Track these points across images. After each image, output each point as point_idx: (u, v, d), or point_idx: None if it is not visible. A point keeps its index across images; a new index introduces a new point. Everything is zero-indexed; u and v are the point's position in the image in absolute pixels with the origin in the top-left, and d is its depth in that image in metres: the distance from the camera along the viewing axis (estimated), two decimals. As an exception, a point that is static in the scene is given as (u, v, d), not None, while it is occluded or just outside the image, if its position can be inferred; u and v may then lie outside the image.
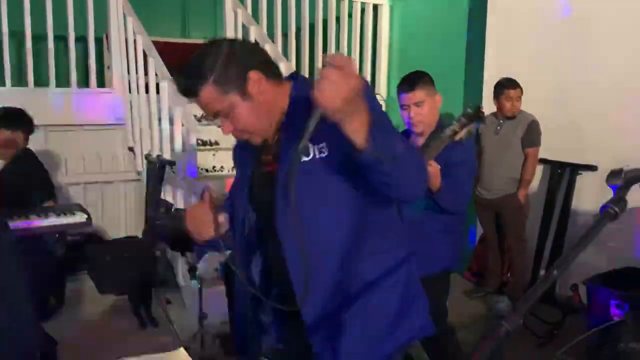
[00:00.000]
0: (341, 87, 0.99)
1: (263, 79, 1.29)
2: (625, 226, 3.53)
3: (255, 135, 1.33)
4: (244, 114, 1.28)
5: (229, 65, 1.27)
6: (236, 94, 1.27)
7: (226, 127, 1.31)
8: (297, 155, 1.08)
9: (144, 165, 4.05)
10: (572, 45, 3.89)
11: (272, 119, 1.33)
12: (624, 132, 3.64)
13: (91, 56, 4.33)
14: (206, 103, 1.28)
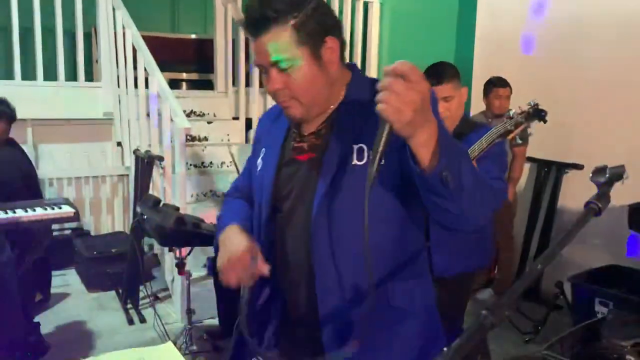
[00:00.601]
0: (409, 99, 0.88)
1: (337, 51, 1.17)
2: (610, 224, 3.58)
3: (300, 106, 1.16)
4: (305, 75, 1.13)
5: (314, 17, 1.13)
6: (308, 50, 1.12)
7: (275, 82, 1.14)
8: (370, 176, 0.94)
9: (132, 160, 4.04)
10: (560, 45, 3.94)
11: (327, 98, 1.19)
12: (610, 132, 3.69)
13: (79, 50, 4.29)
14: (272, 47, 1.11)
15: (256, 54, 1.16)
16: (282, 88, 1.14)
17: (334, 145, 1.17)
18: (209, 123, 4.48)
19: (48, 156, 4.27)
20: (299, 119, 1.20)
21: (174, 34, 6.69)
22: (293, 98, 1.15)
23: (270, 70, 1.14)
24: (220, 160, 4.31)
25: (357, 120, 1.16)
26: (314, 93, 1.16)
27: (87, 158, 4.44)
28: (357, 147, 1.14)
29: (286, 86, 1.14)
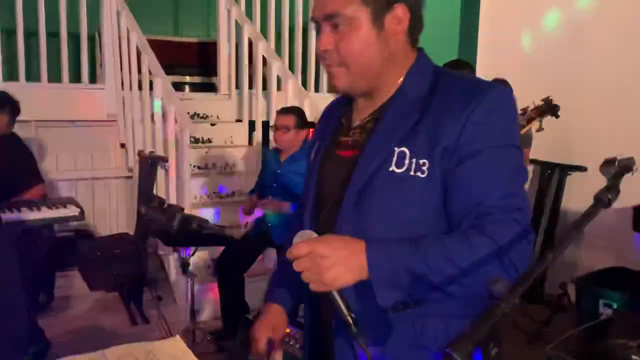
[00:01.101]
0: (319, 268, 0.90)
1: (405, 23, 1.04)
2: (614, 226, 3.58)
3: (346, 75, 1.05)
4: (359, 39, 1.01)
5: None
6: (370, 12, 1.01)
7: (325, 41, 1.03)
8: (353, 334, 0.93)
9: (136, 161, 4.05)
10: (563, 47, 3.95)
11: (379, 74, 1.06)
12: (613, 133, 3.69)
13: (83, 52, 4.31)
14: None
15: (315, 5, 1.05)
16: (331, 49, 1.04)
17: (374, 146, 1.05)
18: (213, 125, 4.49)
19: (52, 157, 4.28)
20: (343, 89, 1.08)
21: (177, 37, 6.72)
22: (341, 64, 1.04)
23: (323, 26, 1.04)
24: (224, 162, 4.31)
25: (405, 119, 1.03)
26: (364, 62, 1.03)
27: (91, 159, 4.46)
28: (399, 150, 1.02)
29: (336, 48, 1.03)
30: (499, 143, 0.99)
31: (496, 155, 0.99)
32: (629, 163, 0.97)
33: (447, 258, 0.94)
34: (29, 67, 4.13)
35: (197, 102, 4.66)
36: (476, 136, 0.98)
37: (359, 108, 1.13)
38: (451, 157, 0.98)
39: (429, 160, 0.99)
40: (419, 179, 1.00)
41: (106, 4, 4.28)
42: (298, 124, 3.14)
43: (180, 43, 6.47)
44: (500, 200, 0.97)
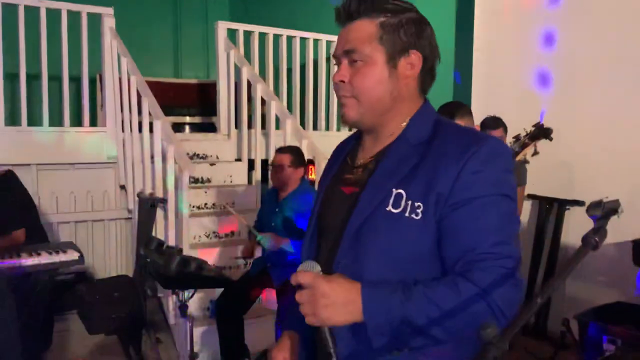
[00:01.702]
0: (318, 303, 0.98)
1: (417, 70, 1.13)
2: (614, 261, 3.56)
3: (356, 106, 1.12)
4: (373, 76, 1.10)
5: (406, 26, 1.11)
6: (385, 53, 1.10)
7: (341, 73, 1.12)
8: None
9: (135, 203, 4.06)
10: (558, 82, 4.01)
11: (386, 111, 1.13)
12: (610, 168, 3.72)
13: (85, 96, 4.38)
14: (352, 35, 1.11)
15: (337, 43, 1.15)
16: (346, 81, 1.12)
17: (374, 185, 1.11)
18: (212, 165, 4.53)
19: (52, 200, 4.30)
20: (351, 120, 1.14)
21: (177, 79, 6.84)
22: (353, 96, 1.12)
23: (342, 60, 1.14)
24: (224, 201, 4.33)
25: (404, 162, 1.09)
26: (374, 97, 1.11)
27: (91, 201, 4.47)
28: (397, 192, 1.07)
29: (350, 80, 1.12)
30: (491, 192, 1.04)
31: (489, 204, 1.03)
32: (614, 206, 0.99)
33: (437, 306, 0.99)
34: (31, 112, 4.19)
35: (196, 143, 4.71)
36: (470, 185, 1.03)
37: (365, 147, 1.20)
38: (445, 204, 1.03)
39: (424, 204, 1.04)
40: (414, 220, 1.05)
41: (107, 48, 4.38)
42: (294, 162, 3.18)
43: (180, 84, 6.60)
44: (491, 248, 1.01)
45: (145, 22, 6.79)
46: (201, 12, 7.37)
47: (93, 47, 4.39)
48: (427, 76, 1.16)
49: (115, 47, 4.32)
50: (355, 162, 1.20)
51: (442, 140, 1.09)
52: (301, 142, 4.01)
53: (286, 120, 4.18)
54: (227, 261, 3.87)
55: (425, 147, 1.10)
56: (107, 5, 4.44)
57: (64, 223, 4.32)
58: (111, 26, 4.38)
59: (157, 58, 7.01)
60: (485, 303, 0.98)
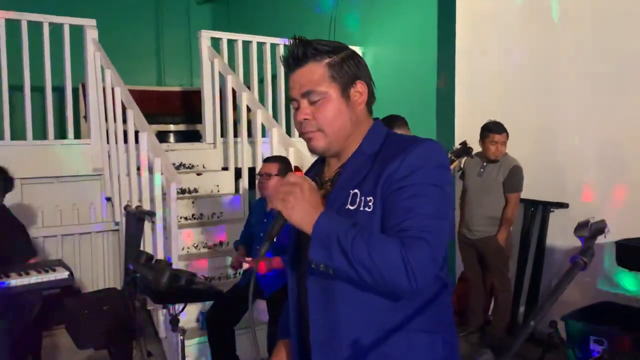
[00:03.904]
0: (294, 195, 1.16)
1: (365, 95, 1.31)
2: (600, 262, 3.63)
3: (324, 137, 1.28)
4: (333, 109, 1.27)
5: (347, 62, 1.29)
6: (338, 88, 1.27)
7: (303, 113, 1.27)
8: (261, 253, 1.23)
9: (122, 215, 4.04)
10: (535, 90, 4.07)
11: (349, 135, 1.30)
12: (591, 170, 3.79)
13: (68, 108, 4.35)
14: (306, 79, 1.26)
15: (291, 88, 1.30)
16: (309, 118, 1.27)
17: (337, 192, 1.29)
18: (199, 175, 4.52)
19: (37, 213, 4.26)
20: (321, 150, 1.31)
21: (161, 87, 6.82)
22: (319, 130, 1.28)
23: (301, 102, 1.28)
24: (211, 211, 4.33)
25: (360, 169, 1.28)
26: (339, 126, 1.28)
27: (77, 214, 4.44)
28: (353, 192, 1.25)
29: (314, 117, 1.27)
30: (425, 182, 1.21)
31: (421, 189, 1.20)
32: (601, 226, 1.03)
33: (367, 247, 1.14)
34: (14, 124, 4.15)
35: (182, 152, 4.70)
36: (407, 174, 1.21)
37: (330, 166, 1.38)
38: (388, 186, 1.22)
39: (374, 197, 1.23)
40: (366, 212, 1.23)
41: (90, 60, 4.35)
42: (282, 171, 3.18)
43: (163, 92, 6.58)
44: (418, 222, 1.17)
45: (127, 30, 6.76)
46: (184, 20, 7.36)
47: (75, 56, 4.36)
48: (372, 98, 1.34)
49: (99, 58, 4.29)
50: (323, 179, 1.37)
51: (390, 146, 1.29)
52: (288, 150, 4.02)
53: (272, 129, 4.19)
54: (216, 272, 3.86)
55: (376, 155, 1.29)
56: (90, 15, 4.42)
57: (50, 237, 4.28)
58: (94, 37, 4.35)
59: (140, 66, 6.98)
60: (401, 258, 1.12)
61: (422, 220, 1.16)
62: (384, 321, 1.23)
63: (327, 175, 1.36)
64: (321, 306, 1.27)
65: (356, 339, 1.24)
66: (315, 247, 1.15)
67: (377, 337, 1.23)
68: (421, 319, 1.24)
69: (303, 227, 1.17)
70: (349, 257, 1.13)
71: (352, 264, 1.13)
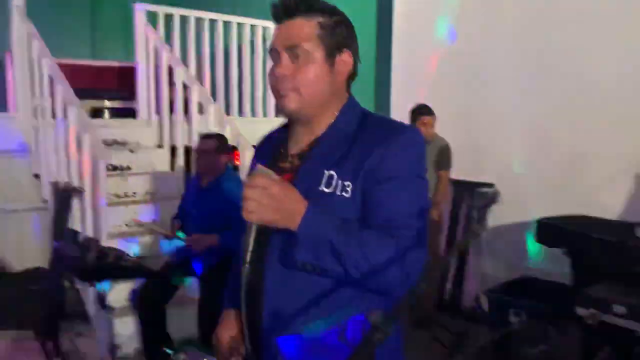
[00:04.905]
0: (265, 203, 1.06)
1: (349, 67, 1.25)
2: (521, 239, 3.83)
3: (298, 99, 1.20)
4: (315, 71, 1.19)
5: (339, 26, 1.22)
6: (324, 51, 1.20)
7: (284, 67, 1.19)
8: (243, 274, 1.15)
9: (50, 192, 3.90)
10: (466, 74, 4.21)
11: (324, 104, 1.23)
12: (515, 151, 3.97)
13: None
14: (294, 32, 1.19)
15: (276, 37, 1.22)
16: (288, 75, 1.19)
17: (308, 169, 1.21)
18: (132, 152, 4.42)
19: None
20: (291, 111, 1.22)
21: (94, 61, 6.56)
22: (294, 90, 1.20)
23: (282, 55, 1.20)
24: (145, 189, 4.24)
25: (336, 148, 1.21)
26: (316, 90, 1.20)
27: (3, 191, 4.24)
28: (328, 173, 1.18)
29: (293, 74, 1.19)
30: (409, 173, 1.19)
31: (406, 182, 1.18)
32: (494, 196, 1.09)
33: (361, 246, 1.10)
34: None
35: (115, 129, 4.56)
36: (392, 166, 1.17)
37: (298, 137, 1.29)
38: (371, 179, 1.16)
39: (353, 183, 1.17)
40: (344, 198, 1.17)
41: (16, 29, 4.13)
42: (218, 148, 3.16)
43: (98, 67, 6.33)
44: (407, 219, 1.16)
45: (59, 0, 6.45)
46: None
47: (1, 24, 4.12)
48: (353, 74, 1.27)
49: (25, 27, 4.08)
50: (289, 151, 1.29)
51: (369, 128, 1.22)
52: (224, 128, 3.98)
53: (208, 106, 4.13)
54: (149, 250, 3.81)
55: (354, 135, 1.22)
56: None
57: (-28, 215, 4.08)
58: (19, 5, 4.13)
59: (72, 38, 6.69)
60: (398, 262, 1.10)
61: (412, 218, 1.14)
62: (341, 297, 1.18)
63: (295, 148, 1.28)
64: (280, 281, 1.20)
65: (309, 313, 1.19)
66: (303, 248, 1.10)
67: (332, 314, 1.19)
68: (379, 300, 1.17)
69: (284, 226, 1.10)
70: (342, 260, 1.09)
71: (345, 266, 1.09)
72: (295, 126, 1.30)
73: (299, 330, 1.20)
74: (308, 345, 1.20)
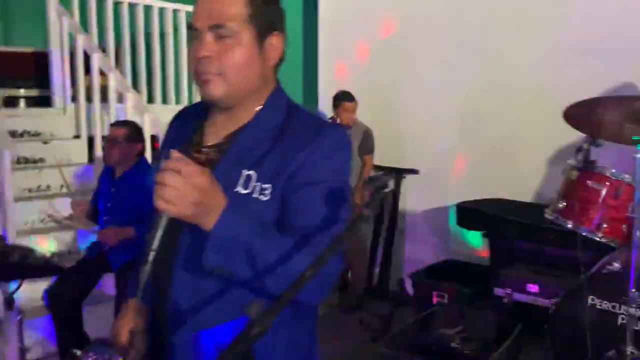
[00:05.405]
0: (186, 192, 0.93)
1: (279, 53, 1.14)
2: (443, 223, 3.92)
3: (223, 84, 1.09)
4: (243, 54, 1.08)
5: (271, 6, 1.12)
6: (254, 32, 1.09)
7: (207, 48, 1.07)
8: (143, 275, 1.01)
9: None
10: (392, 60, 4.25)
11: (251, 95, 1.13)
12: (439, 139, 4.05)
13: None
14: (220, 9, 1.06)
15: (198, 14, 1.08)
16: (214, 56, 1.07)
17: (225, 167, 1.11)
18: (45, 143, 4.17)
19: None
20: (217, 97, 1.11)
21: (6, 47, 6.15)
22: (219, 74, 1.08)
23: (205, 35, 1.07)
24: (59, 182, 4.02)
25: (257, 146, 1.11)
26: (244, 76, 1.10)
27: None
28: (247, 173, 1.09)
29: (219, 57, 1.07)
30: (332, 179, 1.11)
31: (328, 189, 1.10)
32: (382, 182, 1.08)
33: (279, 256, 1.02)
34: None
35: (28, 119, 4.30)
36: (315, 170, 1.09)
37: (217, 126, 1.17)
38: (293, 182, 1.09)
39: (273, 185, 1.09)
40: (261, 201, 1.08)
41: None
42: (130, 137, 3.03)
43: (11, 53, 5.94)
44: (327, 226, 1.08)
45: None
46: (32, -27, 6.66)
47: None
48: (281, 60, 1.17)
49: None
50: (204, 140, 1.18)
51: (294, 126, 1.13)
52: (143, 117, 3.83)
53: (126, 94, 3.96)
54: (64, 246, 3.62)
55: (278, 131, 1.13)
56: None
57: None
58: None
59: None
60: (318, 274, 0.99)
61: (333, 224, 1.07)
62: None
63: (213, 139, 1.16)
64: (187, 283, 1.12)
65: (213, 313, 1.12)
66: (214, 251, 0.99)
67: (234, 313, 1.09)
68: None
69: (196, 223, 0.98)
70: (257, 267, 1.01)
71: (259, 273, 1.01)
72: (216, 113, 1.18)
73: (201, 328, 1.13)
74: (210, 345, 1.13)
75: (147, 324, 1.26)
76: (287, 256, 1.02)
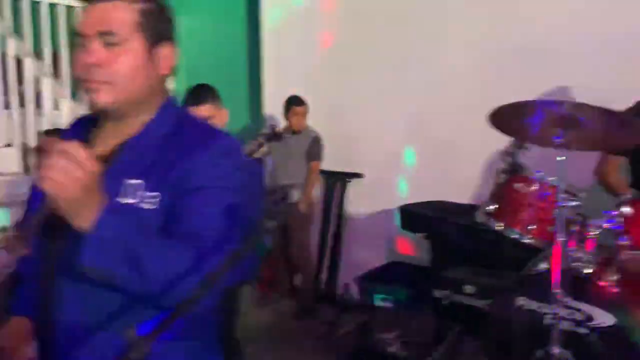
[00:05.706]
0: (75, 176, 0.89)
1: (171, 63, 1.14)
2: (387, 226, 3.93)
3: (112, 92, 1.07)
4: (133, 62, 1.07)
5: (162, 16, 1.12)
6: (144, 41, 1.09)
7: (94, 55, 1.05)
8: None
9: None
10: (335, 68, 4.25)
11: (140, 105, 1.11)
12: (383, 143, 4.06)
13: None
14: (109, 16, 1.05)
15: (86, 20, 1.08)
16: (102, 64, 1.06)
17: (110, 176, 1.06)
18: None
19: None
20: (105, 106, 1.09)
21: None
22: (107, 82, 1.07)
23: (93, 42, 1.06)
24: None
25: (144, 155, 1.11)
26: (134, 85, 1.09)
27: None
28: (133, 183, 1.08)
29: (107, 64, 1.06)
30: (219, 185, 1.10)
31: (216, 193, 1.09)
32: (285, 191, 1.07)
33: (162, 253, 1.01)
34: None
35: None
36: (202, 175, 1.09)
37: (106, 136, 1.16)
38: (180, 188, 1.07)
39: (161, 193, 1.07)
40: (148, 210, 1.07)
41: None
42: None
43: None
44: (212, 234, 1.06)
45: None
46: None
47: None
48: (173, 72, 1.17)
49: None
50: (93, 150, 1.14)
51: (183, 135, 1.13)
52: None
53: (61, 100, 3.83)
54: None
55: (167, 141, 1.12)
56: None
57: None
58: None
59: None
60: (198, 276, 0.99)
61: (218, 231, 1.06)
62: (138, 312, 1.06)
63: (99, 146, 1.14)
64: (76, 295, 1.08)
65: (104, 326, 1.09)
66: (92, 251, 0.94)
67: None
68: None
69: (75, 218, 0.93)
70: (140, 271, 0.97)
71: (142, 273, 0.98)
72: (104, 122, 1.16)
73: (90, 342, 1.09)
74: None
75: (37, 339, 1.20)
76: (170, 256, 1.01)
